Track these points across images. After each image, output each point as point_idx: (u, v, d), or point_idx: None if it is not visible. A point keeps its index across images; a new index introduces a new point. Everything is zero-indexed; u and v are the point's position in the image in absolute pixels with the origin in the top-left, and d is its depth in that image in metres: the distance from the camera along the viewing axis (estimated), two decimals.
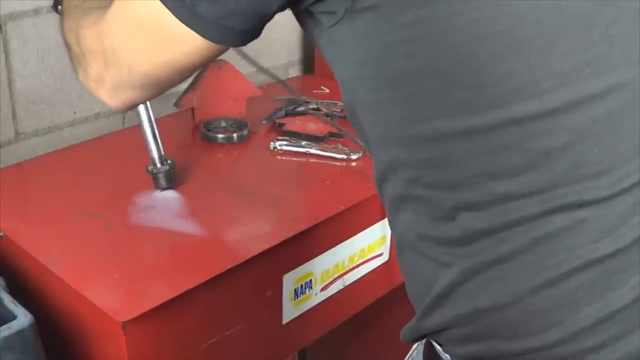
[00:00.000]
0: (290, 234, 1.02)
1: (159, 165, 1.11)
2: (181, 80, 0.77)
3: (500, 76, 0.58)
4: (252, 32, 0.67)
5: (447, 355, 0.69)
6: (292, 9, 0.68)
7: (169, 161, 1.12)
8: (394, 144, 0.65)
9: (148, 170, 1.11)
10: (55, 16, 0.96)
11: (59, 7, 0.95)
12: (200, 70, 1.37)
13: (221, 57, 1.08)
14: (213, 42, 0.66)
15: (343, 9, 0.61)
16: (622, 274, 0.60)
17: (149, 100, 0.81)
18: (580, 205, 0.59)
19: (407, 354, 0.81)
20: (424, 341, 0.76)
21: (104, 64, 0.75)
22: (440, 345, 0.70)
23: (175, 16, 0.65)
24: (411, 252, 0.69)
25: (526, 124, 0.58)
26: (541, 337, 0.61)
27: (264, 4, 0.64)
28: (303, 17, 0.69)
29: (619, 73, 0.59)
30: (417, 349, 0.79)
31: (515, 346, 0.63)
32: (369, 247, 1.18)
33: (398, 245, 0.71)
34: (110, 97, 0.78)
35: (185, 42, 0.67)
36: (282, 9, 0.65)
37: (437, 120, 0.61)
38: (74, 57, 0.83)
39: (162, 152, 1.11)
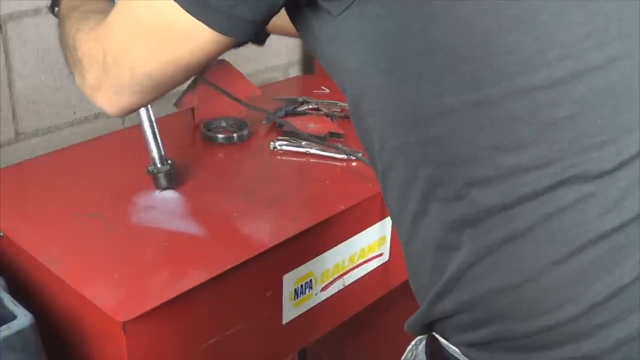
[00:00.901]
0: (290, 234, 1.02)
1: (159, 165, 1.11)
2: (184, 80, 0.76)
3: (508, 48, 0.59)
4: (260, 23, 0.68)
5: (454, 348, 0.69)
6: (293, 5, 0.68)
7: (169, 161, 1.12)
8: (404, 126, 0.65)
9: (148, 170, 1.11)
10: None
11: (56, 9, 0.95)
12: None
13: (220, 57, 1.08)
14: (223, 33, 0.66)
15: None
16: (629, 249, 0.60)
17: (148, 104, 0.81)
18: (587, 178, 0.60)
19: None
20: (421, 339, 0.75)
21: (102, 69, 0.75)
22: (445, 338, 0.70)
23: (185, 9, 0.65)
24: (420, 242, 0.69)
25: (534, 94, 0.60)
26: (554, 315, 0.61)
27: None
28: (303, 13, 0.69)
29: (616, 46, 0.61)
30: (412, 350, 0.78)
31: (527, 326, 0.62)
32: (369, 247, 1.18)
33: (405, 238, 0.71)
34: (109, 102, 0.78)
35: (193, 37, 0.67)
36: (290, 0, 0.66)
37: (447, 95, 0.61)
38: (70, 61, 0.82)
39: (163, 152, 1.11)
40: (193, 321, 0.94)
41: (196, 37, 0.67)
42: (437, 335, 0.71)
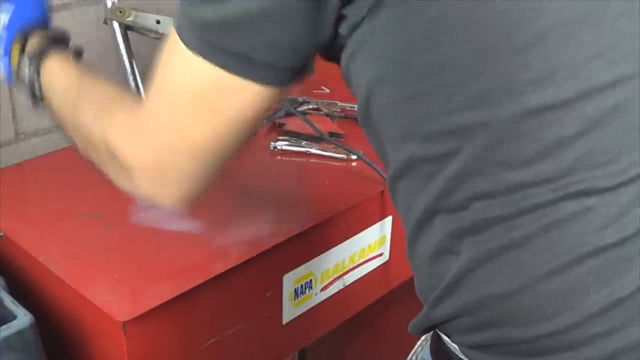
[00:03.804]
0: (290, 234, 1.02)
1: None
2: (245, 142, 0.71)
3: (519, 67, 0.59)
4: (303, 69, 0.67)
5: (455, 346, 0.69)
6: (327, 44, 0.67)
7: None
8: (414, 141, 0.65)
9: None
10: (55, 15, 0.95)
11: (39, 96, 0.85)
12: None
13: None
14: (274, 85, 0.65)
15: (365, 10, 0.62)
16: (628, 262, 0.60)
17: (214, 182, 0.73)
18: (589, 193, 0.60)
19: (410, 352, 0.81)
20: (430, 335, 0.76)
21: (158, 166, 0.69)
22: (448, 336, 0.70)
23: (224, 68, 0.63)
24: (422, 247, 0.69)
25: (542, 113, 0.59)
26: (551, 323, 0.61)
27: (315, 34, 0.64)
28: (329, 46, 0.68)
29: (627, 65, 0.61)
30: (422, 345, 0.79)
31: (525, 333, 0.63)
32: (369, 247, 1.18)
33: (409, 242, 0.71)
34: (172, 198, 0.72)
35: (241, 95, 0.65)
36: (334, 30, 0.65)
37: (458, 113, 0.61)
38: (101, 161, 0.76)
39: None
40: (193, 321, 0.94)
41: (244, 95, 0.65)
42: (440, 333, 0.71)
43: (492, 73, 0.60)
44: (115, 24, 1.06)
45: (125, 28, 1.07)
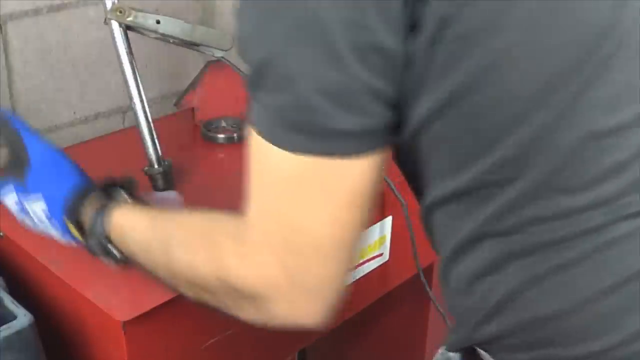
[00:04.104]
0: None
1: (155, 166, 1.11)
2: (368, 221, 0.66)
3: (584, 93, 0.59)
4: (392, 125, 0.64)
5: None
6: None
7: (165, 162, 1.11)
8: (468, 171, 0.63)
9: (145, 172, 1.11)
10: (54, 15, 0.96)
11: (117, 254, 0.79)
12: (201, 69, 1.37)
13: (223, 54, 1.08)
14: (376, 151, 0.62)
15: (422, 44, 0.59)
16: None
17: (349, 279, 0.68)
18: None
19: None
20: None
21: (292, 282, 0.63)
22: (486, 351, 0.69)
23: (328, 156, 0.60)
24: (463, 269, 0.67)
25: (603, 138, 0.59)
26: (601, 341, 0.61)
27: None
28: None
29: None
30: (443, 354, 0.77)
31: (574, 351, 0.63)
32: (369, 247, 1.18)
33: (445, 262, 0.69)
34: (318, 312, 0.66)
35: (352, 173, 0.61)
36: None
37: (519, 143, 0.60)
38: (220, 302, 0.70)
39: (160, 153, 1.11)
40: (193, 321, 0.94)
41: (349, 172, 0.61)
42: (478, 349, 0.70)
43: (558, 100, 0.59)
44: (115, 24, 1.06)
45: (125, 28, 1.07)
